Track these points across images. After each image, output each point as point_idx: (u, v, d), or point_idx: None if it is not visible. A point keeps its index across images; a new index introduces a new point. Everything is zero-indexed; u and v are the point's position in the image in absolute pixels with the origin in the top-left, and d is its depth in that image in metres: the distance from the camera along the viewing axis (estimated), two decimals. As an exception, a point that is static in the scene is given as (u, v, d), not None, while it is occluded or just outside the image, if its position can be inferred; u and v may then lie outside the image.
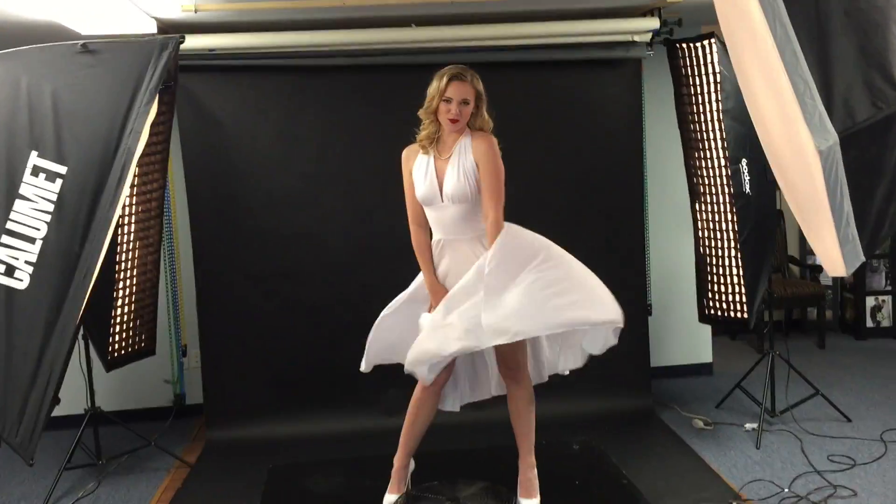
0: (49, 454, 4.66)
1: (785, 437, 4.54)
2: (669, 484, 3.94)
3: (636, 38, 4.67)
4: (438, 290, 3.16)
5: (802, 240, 6.87)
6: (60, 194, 2.44)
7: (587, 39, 4.70)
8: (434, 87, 3.17)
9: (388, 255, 4.37)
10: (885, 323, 6.57)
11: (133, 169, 2.56)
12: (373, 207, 4.74)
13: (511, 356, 3.21)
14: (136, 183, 4.13)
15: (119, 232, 4.08)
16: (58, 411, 4.64)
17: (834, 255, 2.26)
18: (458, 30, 4.56)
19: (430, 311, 3.18)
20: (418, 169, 3.21)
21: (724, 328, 6.43)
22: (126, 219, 4.09)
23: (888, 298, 6.56)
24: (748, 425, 4.68)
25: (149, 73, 2.50)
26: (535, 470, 3.27)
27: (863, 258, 2.22)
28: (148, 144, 4.11)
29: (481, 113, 3.19)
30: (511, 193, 4.83)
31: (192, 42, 4.22)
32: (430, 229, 3.36)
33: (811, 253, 6.85)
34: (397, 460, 3.30)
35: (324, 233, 4.81)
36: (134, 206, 4.15)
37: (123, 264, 4.20)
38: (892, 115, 2.09)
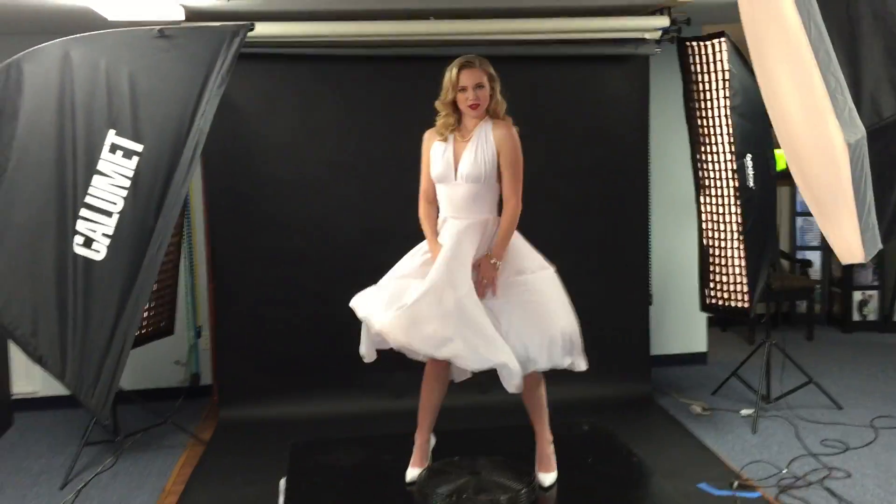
0: (66, 431, 4.77)
1: (779, 422, 4.73)
2: (671, 464, 4.11)
3: (646, 36, 4.81)
4: (437, 251, 3.29)
5: (793, 235, 7.08)
6: (136, 171, 2.54)
7: (598, 36, 4.84)
8: (447, 79, 3.28)
9: (401, 242, 4.45)
10: (872, 317, 6.79)
11: (200, 148, 2.66)
12: (386, 195, 4.85)
13: None
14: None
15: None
16: (60, 390, 4.77)
17: (852, 243, 2.41)
18: (473, 24, 4.68)
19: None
20: (436, 149, 3.32)
21: (716, 320, 6.62)
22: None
23: (875, 293, 6.77)
24: (744, 411, 4.87)
25: (220, 59, 2.60)
26: (553, 446, 3.41)
27: (881, 245, 2.37)
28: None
29: (496, 95, 3.31)
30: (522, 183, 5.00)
31: (216, 29, 4.32)
32: (438, 207, 3.46)
33: (801, 248, 7.06)
34: (418, 436, 3.42)
35: (337, 219, 4.92)
36: (186, 191, 4.24)
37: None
38: (915, 112, 2.25)
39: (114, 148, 2.56)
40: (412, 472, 3.39)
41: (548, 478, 3.35)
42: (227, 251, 4.88)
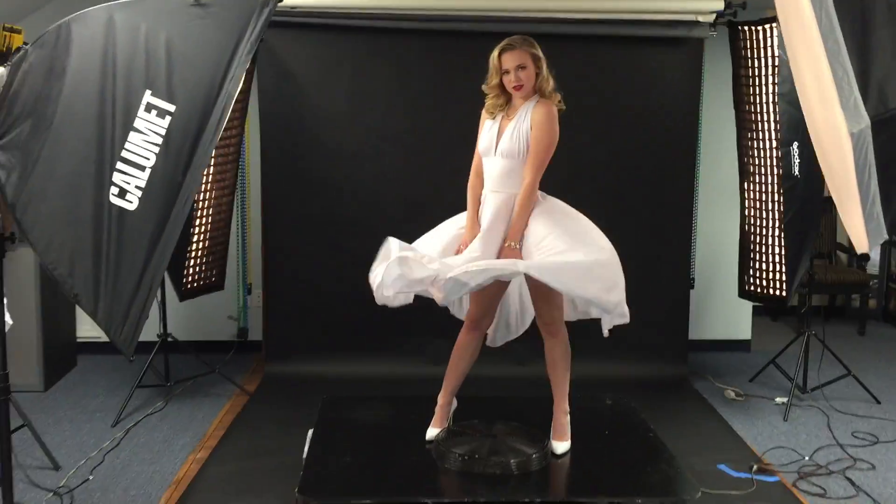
0: (123, 375, 5.07)
1: (813, 412, 4.73)
2: (695, 444, 4.17)
3: (700, 19, 4.81)
4: (474, 227, 3.41)
5: (852, 228, 6.95)
6: (168, 129, 2.74)
7: (651, 17, 4.86)
8: (491, 64, 3.39)
9: (444, 214, 4.60)
10: (929, 315, 6.65)
11: (229, 111, 2.85)
12: (432, 167, 4.98)
13: (547, 312, 3.44)
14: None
15: (199, 174, 4.40)
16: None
17: (860, 232, 2.46)
18: (525, 1, 4.75)
19: (461, 250, 3.42)
20: (486, 126, 3.45)
21: (766, 308, 6.58)
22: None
23: None
24: (778, 399, 4.87)
25: (251, 27, 2.77)
26: (568, 416, 3.52)
27: (886, 236, 2.41)
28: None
29: (542, 74, 3.38)
30: (563, 165, 5.03)
31: (276, -1, 4.50)
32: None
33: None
34: (441, 397, 3.58)
35: (384, 188, 5.07)
36: (214, 150, 4.46)
37: (200, 203, 4.53)
38: (922, 104, 2.27)
39: (149, 107, 2.76)
40: (432, 432, 3.55)
41: (560, 446, 3.46)
42: (279, 213, 5.09)
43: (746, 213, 4.84)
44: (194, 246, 4.59)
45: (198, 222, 4.55)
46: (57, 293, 4.64)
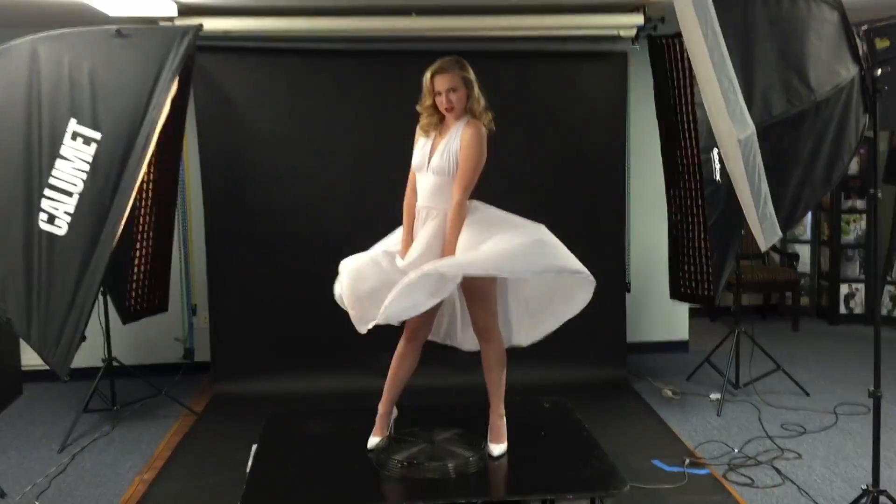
0: (69, 401, 5.08)
1: (745, 407, 4.92)
2: (631, 442, 4.33)
3: (622, 33, 5.01)
4: (409, 241, 3.54)
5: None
6: (95, 156, 2.83)
7: (575, 33, 5.05)
8: (424, 85, 3.52)
9: (386, 228, 4.72)
10: (858, 310, 6.92)
11: (156, 137, 2.93)
12: (372, 183, 5.10)
13: (482, 318, 3.57)
14: (154, 153, 4.50)
15: (138, 197, 4.47)
16: (78, 362, 5.08)
17: (758, 231, 2.63)
18: (454, 20, 4.91)
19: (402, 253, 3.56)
20: (420, 143, 3.59)
21: (705, 310, 6.80)
22: (145, 185, 4.48)
23: (861, 286, 6.90)
24: (713, 395, 5.06)
25: (171, 55, 2.88)
26: (504, 419, 3.64)
27: (779, 233, 2.59)
28: (166, 118, 4.51)
29: (473, 95, 3.52)
30: (499, 177, 5.17)
31: (209, 24, 4.59)
32: None
33: (790, 241, 7.20)
34: (381, 406, 3.69)
35: (326, 205, 5.17)
36: (152, 174, 4.54)
37: (142, 227, 4.59)
38: (804, 110, 2.44)
39: (75, 135, 2.85)
40: (373, 441, 3.65)
41: (497, 448, 3.58)
42: (222, 234, 5.16)
43: (674, 218, 5.04)
44: (136, 269, 4.64)
45: (138, 245, 4.61)
46: (-2, 324, 4.67)
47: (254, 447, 3.74)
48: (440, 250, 3.48)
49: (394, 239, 3.76)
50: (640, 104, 5.50)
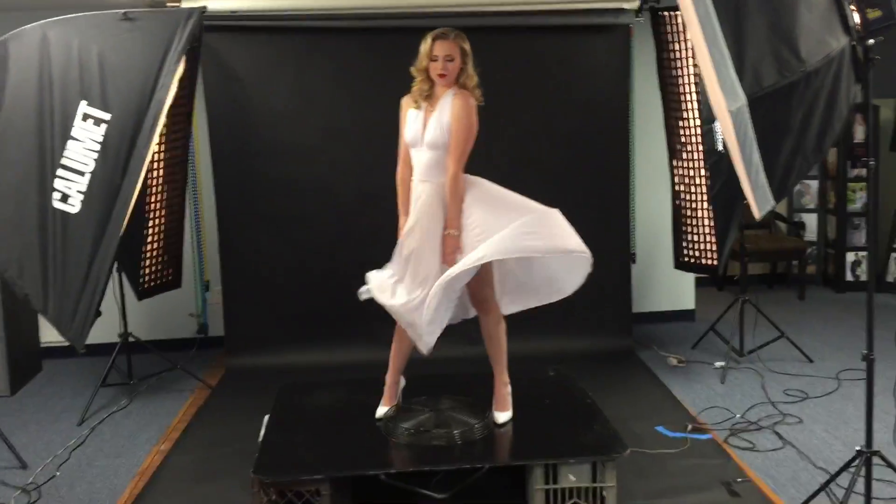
0: (87, 376, 5.21)
1: (749, 374, 5.00)
2: (635, 409, 4.42)
3: (625, 6, 5.04)
4: (407, 215, 3.64)
5: (790, 197, 7.25)
6: (105, 136, 2.92)
7: (579, 6, 5.07)
8: (422, 48, 3.57)
9: (392, 204, 4.81)
10: (864, 278, 6.94)
11: (163, 116, 3.01)
12: (377, 159, 5.10)
13: (479, 291, 3.64)
14: (164, 132, 4.60)
15: (149, 175, 4.56)
16: (96, 338, 5.22)
17: (752, 200, 2.69)
18: (455, -4, 4.94)
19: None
20: (410, 116, 3.63)
21: (712, 279, 6.87)
22: (156, 164, 4.57)
23: (867, 254, 6.91)
24: (717, 363, 5.13)
25: (177, 37, 2.95)
26: (508, 388, 3.73)
27: (772, 202, 2.64)
28: (175, 98, 4.59)
29: (467, 70, 3.57)
30: (504, 150, 5.30)
31: (217, 4, 4.68)
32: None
33: (797, 210, 7.23)
34: (388, 377, 3.78)
35: (334, 180, 5.25)
36: (163, 153, 4.63)
37: (153, 205, 4.68)
38: (795, 81, 2.49)
39: (85, 117, 2.94)
40: (381, 410, 3.75)
41: (502, 416, 3.67)
42: (233, 210, 5.25)
43: (676, 188, 5.09)
44: (149, 246, 4.74)
45: (151, 223, 4.71)
46: (17, 301, 4.78)
47: (266, 418, 3.85)
48: (441, 221, 3.54)
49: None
50: (643, 77, 5.53)
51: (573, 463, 3.27)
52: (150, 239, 4.73)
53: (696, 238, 5.02)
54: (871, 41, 2.69)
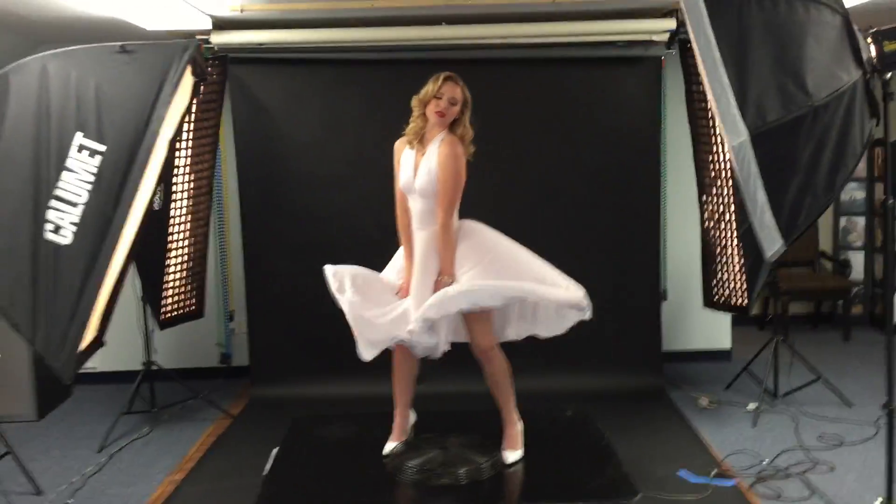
0: (115, 404, 5.24)
1: (782, 418, 4.80)
2: (659, 452, 4.26)
3: (655, 38, 4.95)
4: (411, 265, 3.62)
5: (836, 235, 7.02)
6: (99, 168, 2.96)
7: (608, 38, 5.01)
8: (430, 84, 3.55)
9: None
10: (913, 319, 6.66)
11: (157, 149, 3.05)
12: (403, 191, 5.14)
13: (480, 339, 3.57)
14: (188, 163, 4.66)
15: (172, 206, 4.61)
16: (120, 366, 5.27)
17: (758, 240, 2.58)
18: (484, 28, 4.92)
19: (402, 289, 3.60)
20: (404, 160, 3.60)
21: (753, 319, 6.67)
22: (179, 195, 4.63)
23: (884, 294, 6.63)
24: (750, 406, 4.94)
25: (173, 69, 2.98)
26: (518, 426, 3.64)
27: (779, 242, 2.53)
28: (198, 129, 4.65)
29: (464, 120, 3.54)
30: (530, 184, 5.24)
31: (243, 37, 4.75)
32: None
33: (843, 248, 6.99)
34: (396, 413, 3.74)
35: (359, 212, 5.24)
36: (186, 184, 4.68)
37: (176, 235, 4.73)
38: (801, 115, 2.39)
39: (81, 148, 2.98)
40: (389, 446, 3.70)
41: (511, 455, 3.59)
42: (259, 241, 5.27)
43: (706, 225, 4.95)
44: (171, 276, 4.78)
45: (173, 253, 4.75)
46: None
47: (274, 451, 3.82)
48: (435, 270, 3.49)
49: (397, 265, 3.78)
50: (675, 109, 5.42)
51: (579, 508, 3.16)
52: (172, 269, 4.77)
53: (726, 276, 4.86)
54: (889, 75, 2.57)
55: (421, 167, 3.50)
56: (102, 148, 2.92)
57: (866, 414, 4.82)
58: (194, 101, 3.91)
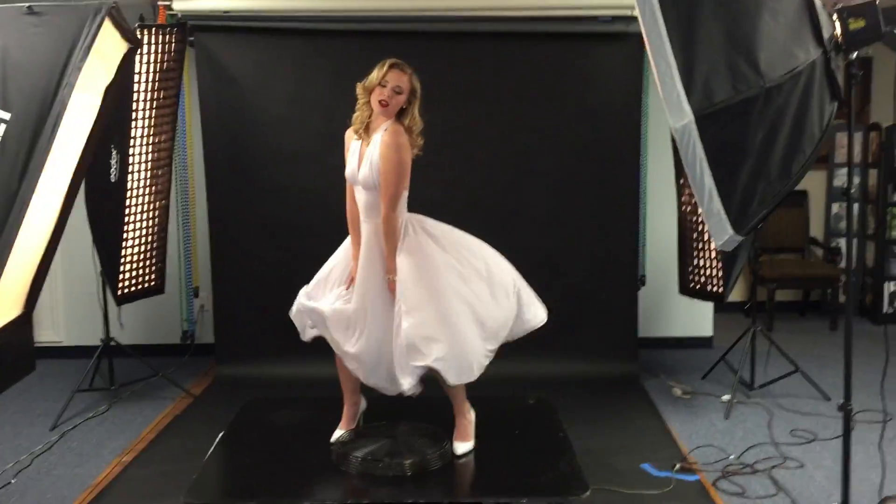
0: (78, 378, 5.12)
1: (757, 410, 4.65)
2: (624, 443, 4.13)
3: (637, 14, 4.75)
4: (355, 262, 3.48)
5: (827, 221, 6.84)
6: (3, 137, 2.80)
7: (589, 13, 4.83)
8: (375, 71, 3.37)
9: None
10: (905, 308, 6.51)
11: (73, 117, 2.89)
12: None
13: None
14: (146, 134, 4.50)
15: (129, 178, 4.46)
16: (87, 340, 5.12)
17: (708, 228, 2.41)
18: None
19: (348, 283, 3.49)
20: (352, 149, 3.45)
21: (739, 305, 6.51)
22: (137, 167, 4.47)
23: (844, 282, 6.47)
24: (725, 397, 4.79)
25: (83, 34, 2.81)
26: (469, 416, 3.50)
27: (730, 232, 2.35)
28: (156, 99, 4.49)
29: (411, 111, 3.35)
30: (508, 161, 5.08)
31: (207, 3, 4.58)
32: None
33: (835, 235, 6.81)
34: (345, 401, 3.60)
35: (329, 187, 5.02)
36: (144, 156, 4.53)
37: (133, 208, 4.58)
38: (751, 97, 2.21)
39: None
40: (337, 433, 3.57)
41: (461, 446, 3.45)
42: (226, 216, 5.12)
43: (683, 209, 4.78)
44: (128, 251, 4.64)
45: (130, 227, 4.60)
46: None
47: (220, 435, 3.70)
48: (380, 263, 3.35)
49: (340, 256, 3.63)
50: (657, 89, 5.22)
51: (525, 503, 3.03)
52: (129, 244, 4.63)
53: (702, 263, 4.70)
54: (854, 55, 2.39)
55: (365, 157, 3.34)
56: (7, 116, 2.75)
57: (844, 408, 4.67)
58: (150, 71, 3.74)
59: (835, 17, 2.38)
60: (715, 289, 4.64)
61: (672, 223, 5.50)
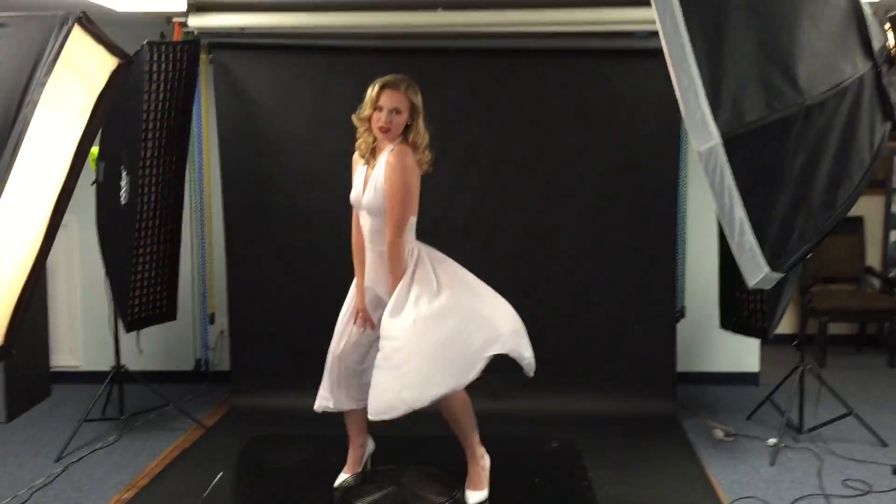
0: (85, 406, 4.97)
1: (806, 456, 4.28)
2: (656, 492, 3.81)
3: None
4: (362, 290, 3.33)
5: (885, 250, 6.42)
6: None
7: (624, 28, 4.56)
8: (368, 95, 3.16)
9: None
10: (967, 345, 6.03)
11: (41, 135, 2.71)
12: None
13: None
14: (157, 154, 4.34)
15: (140, 201, 4.30)
16: (103, 365, 4.94)
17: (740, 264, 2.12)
18: (487, 14, 4.51)
19: (355, 317, 3.37)
20: (357, 174, 3.26)
21: (786, 338, 6.11)
22: (145, 189, 4.31)
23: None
24: (771, 440, 4.43)
25: (49, 46, 2.63)
26: (482, 463, 3.22)
27: (765, 269, 2.05)
28: (171, 117, 4.34)
29: (416, 126, 3.13)
30: (536, 185, 4.82)
31: (222, 20, 4.43)
32: None
33: (893, 264, 6.39)
34: (350, 443, 3.36)
35: (349, 211, 4.86)
36: (155, 178, 4.36)
37: (143, 232, 4.40)
38: (788, 116, 1.92)
39: None
40: (341, 477, 3.33)
41: (474, 496, 3.18)
42: (243, 240, 4.94)
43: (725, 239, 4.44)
44: (138, 276, 4.46)
45: (140, 251, 4.43)
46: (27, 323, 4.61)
47: (219, 475, 3.47)
48: (387, 289, 3.19)
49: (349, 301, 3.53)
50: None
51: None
52: (139, 267, 4.45)
53: (745, 296, 4.35)
54: (910, 67, 2.08)
55: (369, 181, 3.13)
56: (-32, 131, 2.60)
57: (901, 455, 4.28)
58: (161, 90, 3.55)
59: (887, 25, 2.07)
60: (759, 324, 4.29)
61: (713, 251, 5.17)
